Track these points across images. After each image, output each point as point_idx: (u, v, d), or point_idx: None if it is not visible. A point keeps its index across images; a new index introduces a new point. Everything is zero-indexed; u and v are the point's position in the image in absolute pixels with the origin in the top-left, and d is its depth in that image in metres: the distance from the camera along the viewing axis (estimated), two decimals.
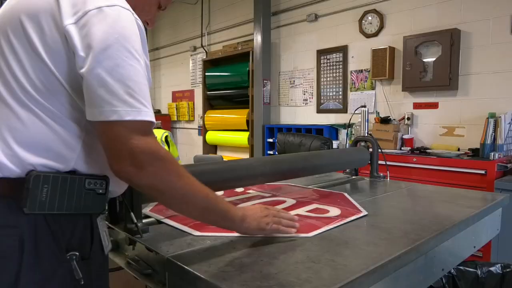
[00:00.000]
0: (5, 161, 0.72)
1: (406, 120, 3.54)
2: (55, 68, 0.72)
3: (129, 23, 0.72)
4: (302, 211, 1.27)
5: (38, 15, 0.71)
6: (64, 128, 0.74)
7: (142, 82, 0.72)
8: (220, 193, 1.48)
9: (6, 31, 0.74)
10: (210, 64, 5.78)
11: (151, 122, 0.73)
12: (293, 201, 1.40)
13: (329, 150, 2.14)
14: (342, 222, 1.14)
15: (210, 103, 5.88)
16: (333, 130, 4.17)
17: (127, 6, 0.75)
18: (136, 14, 0.77)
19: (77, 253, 0.76)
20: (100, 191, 0.79)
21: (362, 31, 3.94)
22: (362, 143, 2.01)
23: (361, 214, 1.22)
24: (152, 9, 0.93)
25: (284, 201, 1.40)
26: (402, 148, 3.44)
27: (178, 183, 0.77)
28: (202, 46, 6.04)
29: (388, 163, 1.99)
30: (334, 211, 1.26)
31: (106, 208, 0.84)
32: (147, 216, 1.20)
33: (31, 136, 0.72)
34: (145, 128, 0.72)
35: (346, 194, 1.51)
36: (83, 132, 0.76)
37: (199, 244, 0.96)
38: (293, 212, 1.23)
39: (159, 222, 1.16)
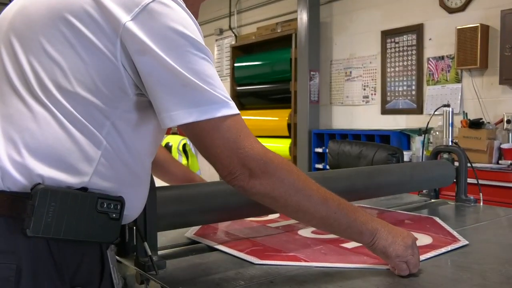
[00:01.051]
0: (10, 170, 0.78)
1: (505, 123, 3.48)
2: (94, 69, 0.79)
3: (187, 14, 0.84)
4: None
5: (78, 15, 0.79)
6: (83, 135, 0.80)
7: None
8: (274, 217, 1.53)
9: (34, 34, 0.82)
10: (240, 51, 5.89)
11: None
12: None
13: (398, 164, 2.13)
14: (433, 254, 1.17)
15: (240, 102, 5.96)
16: (404, 137, 4.11)
17: None
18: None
19: None
20: (114, 215, 0.84)
21: (443, 4, 3.90)
22: (445, 155, 1.99)
23: (460, 244, 1.25)
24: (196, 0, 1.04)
25: None
26: (499, 161, 3.41)
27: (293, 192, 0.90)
28: (230, 29, 6.15)
29: (480, 182, 1.97)
30: (423, 239, 1.29)
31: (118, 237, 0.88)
32: (194, 242, 1.27)
33: (45, 139, 0.79)
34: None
35: (436, 218, 1.56)
36: (103, 141, 0.82)
37: (231, 286, 0.98)
38: None
39: (210, 248, 1.22)
